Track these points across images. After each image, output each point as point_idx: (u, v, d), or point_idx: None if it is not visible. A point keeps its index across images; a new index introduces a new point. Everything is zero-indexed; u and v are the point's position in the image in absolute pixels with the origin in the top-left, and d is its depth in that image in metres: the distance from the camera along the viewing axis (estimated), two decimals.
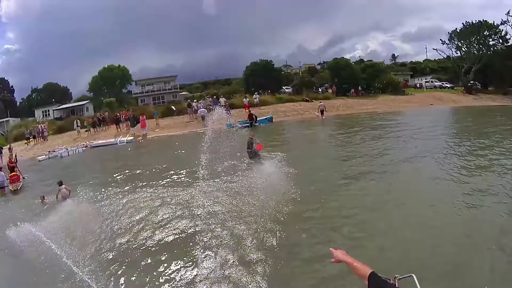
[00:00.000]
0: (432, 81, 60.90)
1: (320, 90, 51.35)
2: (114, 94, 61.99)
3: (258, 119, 31.58)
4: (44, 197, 13.29)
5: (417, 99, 45.08)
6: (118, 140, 29.50)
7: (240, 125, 27.83)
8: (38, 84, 69.99)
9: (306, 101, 39.71)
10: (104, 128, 36.78)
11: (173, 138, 29.16)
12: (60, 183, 12.90)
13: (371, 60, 59.54)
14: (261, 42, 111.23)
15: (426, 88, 57.30)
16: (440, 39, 54.20)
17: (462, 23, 52.97)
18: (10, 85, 72.03)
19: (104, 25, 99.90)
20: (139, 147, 27.11)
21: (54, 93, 66.64)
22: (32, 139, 35.19)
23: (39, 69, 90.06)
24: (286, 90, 52.02)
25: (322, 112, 33.86)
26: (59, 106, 58.64)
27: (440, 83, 59.25)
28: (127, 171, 16.69)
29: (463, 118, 29.28)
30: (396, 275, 2.77)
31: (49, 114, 57.53)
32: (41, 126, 37.69)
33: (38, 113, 58.39)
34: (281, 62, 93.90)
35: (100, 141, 30.60)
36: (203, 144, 12.63)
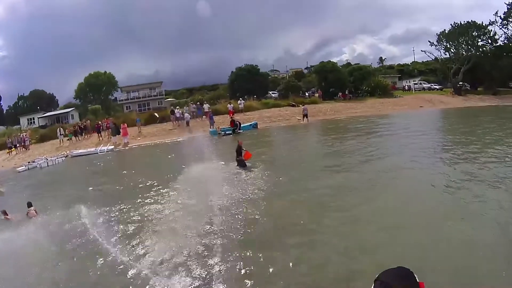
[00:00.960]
0: (420, 83, 59.97)
1: (307, 94, 50.24)
2: (100, 101, 60.77)
3: (242, 125, 30.12)
4: (6, 212, 11.47)
5: (406, 102, 44.02)
6: (99, 150, 28.17)
7: (222, 132, 27.14)
8: (26, 91, 68.45)
9: (293, 105, 38.13)
10: (86, 136, 35.20)
11: (154, 146, 27.86)
12: (29, 205, 11.43)
13: (358, 64, 58.32)
14: (248, 47, 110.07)
15: (414, 90, 56.19)
16: (429, 41, 53.54)
17: (451, 24, 52.35)
18: None
19: (91, 30, 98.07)
20: (119, 157, 25.61)
21: (40, 100, 64.82)
22: (13, 148, 33.40)
23: (27, 75, 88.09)
24: (273, 95, 50.80)
25: (305, 116, 32.95)
26: (44, 113, 56.58)
27: (428, 85, 58.40)
28: (103, 184, 15.42)
29: (455, 120, 27.83)
30: None
31: (34, 122, 55.48)
32: (22, 135, 35.90)
33: (23, 121, 56.35)
34: (269, 67, 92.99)
35: (80, 150, 29.11)
36: (184, 153, 12.77)
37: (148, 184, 13.40)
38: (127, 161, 23.30)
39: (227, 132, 28.15)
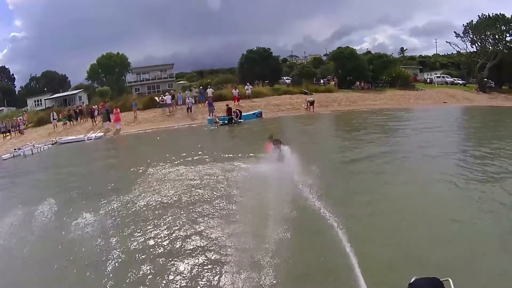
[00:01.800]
0: (443, 77, 55.89)
1: (322, 81, 46.54)
2: (113, 82, 58.55)
3: (244, 114, 26.38)
4: None
5: (429, 96, 40.15)
6: (87, 137, 25.67)
7: (221, 122, 23.86)
8: (40, 73, 66.17)
9: (305, 93, 34.04)
10: (81, 121, 32.62)
11: (146, 134, 25.27)
12: None
13: (379, 53, 53.85)
14: (268, 32, 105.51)
15: (437, 83, 52.00)
16: (454, 32, 49.10)
17: (478, 16, 47.80)
18: (11, 73, 68.19)
19: (110, 13, 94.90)
20: (107, 146, 22.73)
21: (52, 81, 62.61)
22: (8, 133, 31.66)
23: (45, 57, 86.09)
24: (287, 80, 47.36)
25: (312, 103, 30.36)
26: (51, 95, 53.89)
27: (451, 79, 54.45)
28: (77, 181, 12.36)
29: (490, 122, 22.68)
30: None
31: (41, 104, 53.05)
32: (18, 118, 34.03)
33: (30, 102, 53.93)
34: (287, 53, 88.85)
35: (69, 137, 26.62)
36: (175, 143, 12.56)
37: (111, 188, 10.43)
38: (107, 153, 19.79)
39: (225, 121, 24.47)
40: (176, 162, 12.49)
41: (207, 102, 29.34)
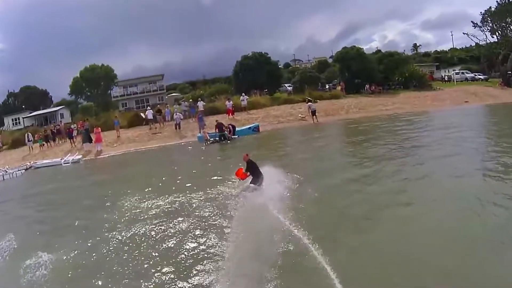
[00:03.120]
0: (462, 73, 55.39)
1: (327, 87, 46.16)
2: (98, 97, 58.21)
3: (238, 129, 25.55)
4: None
5: (448, 95, 39.37)
6: (63, 160, 25.06)
7: (212, 139, 23.21)
8: (19, 88, 65.93)
9: (309, 101, 32.82)
10: (60, 142, 32.32)
11: (129, 156, 24.65)
12: None
13: (389, 51, 53.00)
14: (267, 35, 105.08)
15: (456, 81, 51.58)
16: (471, 21, 48.76)
17: (497, 1, 47.35)
18: None
19: (93, 21, 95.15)
20: (84, 171, 22.06)
21: (31, 97, 62.43)
22: None
23: (25, 70, 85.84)
24: (288, 88, 46.97)
25: (313, 113, 29.63)
26: (30, 113, 53.24)
27: (472, 75, 54.02)
28: (46, 212, 12.38)
29: None
30: None
31: (19, 122, 52.46)
32: None
33: (8, 121, 53.21)
34: (289, 57, 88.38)
35: (44, 161, 26.10)
36: (158, 166, 12.93)
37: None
38: (82, 180, 18.72)
39: (216, 139, 23.74)
40: (154, 192, 12.07)
41: (197, 117, 28.58)
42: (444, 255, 6.15)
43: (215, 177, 12.61)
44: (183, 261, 6.92)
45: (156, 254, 7.34)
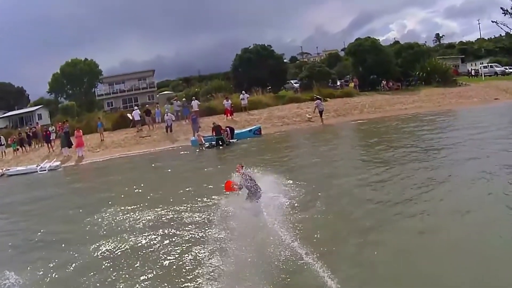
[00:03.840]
0: (491, 66, 55.86)
1: (338, 83, 46.31)
2: (81, 95, 58.72)
3: (237, 132, 25.59)
4: None
5: (475, 92, 39.34)
6: (39, 167, 24.95)
7: (207, 144, 24.32)
8: None
9: (317, 99, 32.63)
10: (36, 146, 32.54)
11: (114, 163, 24.66)
12: None
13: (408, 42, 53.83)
14: (271, 25, 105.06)
15: (484, 75, 51.58)
16: (501, 8, 47.99)
17: None
18: None
19: (76, 9, 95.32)
20: (63, 179, 22.10)
21: (6, 96, 63.65)
22: None
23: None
24: (295, 84, 47.26)
25: (321, 113, 29.22)
26: (4, 113, 53.89)
27: (502, 68, 54.58)
28: (16, 225, 12.44)
29: None
30: None
31: None
32: None
33: None
34: (297, 50, 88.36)
35: (18, 168, 26.18)
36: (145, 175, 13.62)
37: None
38: (60, 190, 18.78)
39: (212, 143, 23.64)
40: (140, 203, 12.12)
41: (190, 118, 28.62)
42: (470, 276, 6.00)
43: (210, 187, 12.59)
44: (168, 280, 6.92)
45: (137, 272, 7.36)
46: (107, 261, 8.01)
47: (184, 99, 35.95)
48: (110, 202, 12.56)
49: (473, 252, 6.66)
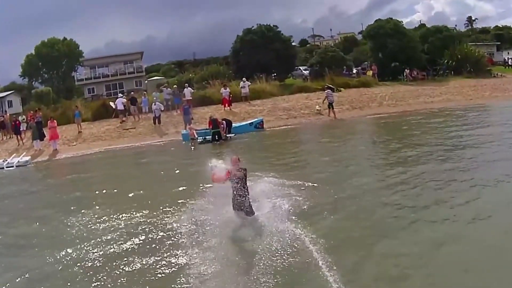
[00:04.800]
0: None
1: (354, 71, 46.47)
2: (59, 80, 58.89)
3: (236, 125, 25.60)
4: None
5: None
6: (6, 163, 24.84)
7: (201, 138, 24.45)
8: None
9: (328, 88, 32.57)
10: (4, 138, 32.59)
11: (93, 158, 24.65)
12: None
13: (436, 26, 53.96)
14: (278, 3, 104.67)
15: None
16: None
17: None
18: None
19: None
20: (34, 176, 22.01)
21: None
22: None
23: None
24: (304, 71, 47.44)
25: (330, 105, 29.02)
26: None
27: None
28: None
29: None
30: None
31: None
32: None
33: None
34: (308, 32, 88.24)
35: None
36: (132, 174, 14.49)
37: None
38: (29, 188, 18.71)
39: (207, 137, 23.65)
40: (116, 206, 12.20)
41: (181, 108, 28.74)
42: None
43: (200, 189, 12.48)
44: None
45: (111, 280, 7.46)
46: (74, 269, 8.09)
47: (175, 86, 35.74)
48: (84, 203, 12.67)
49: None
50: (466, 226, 8.35)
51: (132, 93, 35.23)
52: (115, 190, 14.49)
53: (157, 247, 8.84)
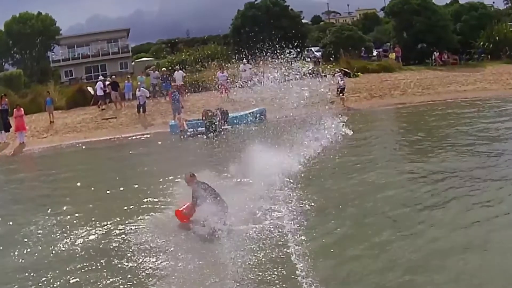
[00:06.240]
0: None
1: (375, 53, 46.86)
2: (32, 60, 59.20)
3: (233, 115, 25.14)
4: None
5: None
6: None
7: (191, 131, 24.27)
8: None
9: (345, 74, 32.16)
10: None
11: (65, 153, 24.80)
12: None
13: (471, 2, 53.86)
14: None
15: None
16: None
17: None
18: None
19: None
20: None
21: None
22: None
23: None
24: (316, 53, 47.53)
25: (342, 91, 28.83)
26: None
27: None
28: None
29: None
30: None
31: None
32: None
33: None
34: (322, 7, 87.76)
35: None
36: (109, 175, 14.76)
37: None
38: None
39: (199, 129, 23.45)
40: (85, 206, 12.38)
41: (170, 95, 28.71)
42: None
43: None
44: None
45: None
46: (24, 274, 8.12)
47: (164, 68, 35.40)
48: (47, 203, 12.78)
49: None
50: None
51: (113, 76, 34.91)
52: (86, 189, 14.50)
53: (128, 252, 8.83)
